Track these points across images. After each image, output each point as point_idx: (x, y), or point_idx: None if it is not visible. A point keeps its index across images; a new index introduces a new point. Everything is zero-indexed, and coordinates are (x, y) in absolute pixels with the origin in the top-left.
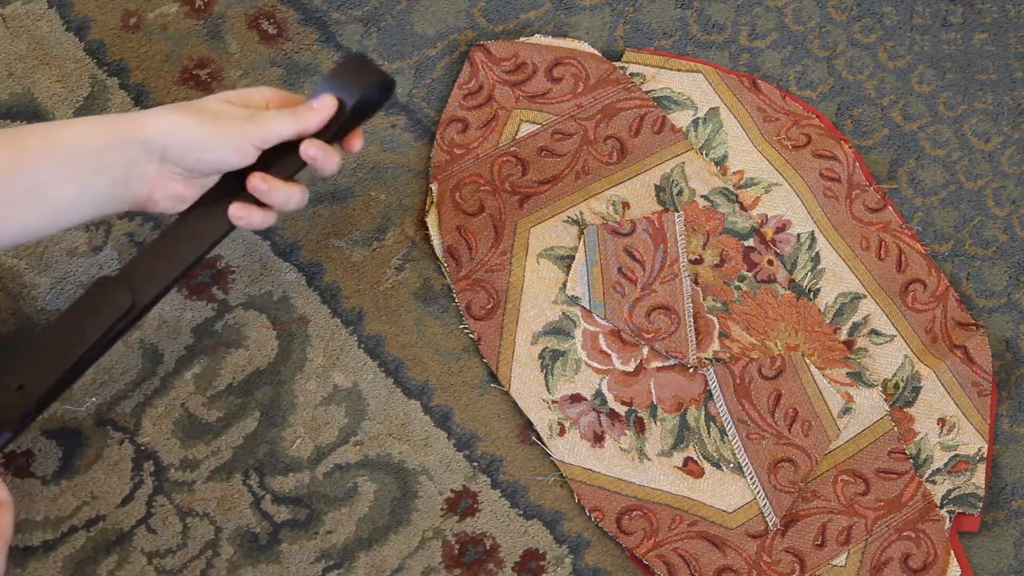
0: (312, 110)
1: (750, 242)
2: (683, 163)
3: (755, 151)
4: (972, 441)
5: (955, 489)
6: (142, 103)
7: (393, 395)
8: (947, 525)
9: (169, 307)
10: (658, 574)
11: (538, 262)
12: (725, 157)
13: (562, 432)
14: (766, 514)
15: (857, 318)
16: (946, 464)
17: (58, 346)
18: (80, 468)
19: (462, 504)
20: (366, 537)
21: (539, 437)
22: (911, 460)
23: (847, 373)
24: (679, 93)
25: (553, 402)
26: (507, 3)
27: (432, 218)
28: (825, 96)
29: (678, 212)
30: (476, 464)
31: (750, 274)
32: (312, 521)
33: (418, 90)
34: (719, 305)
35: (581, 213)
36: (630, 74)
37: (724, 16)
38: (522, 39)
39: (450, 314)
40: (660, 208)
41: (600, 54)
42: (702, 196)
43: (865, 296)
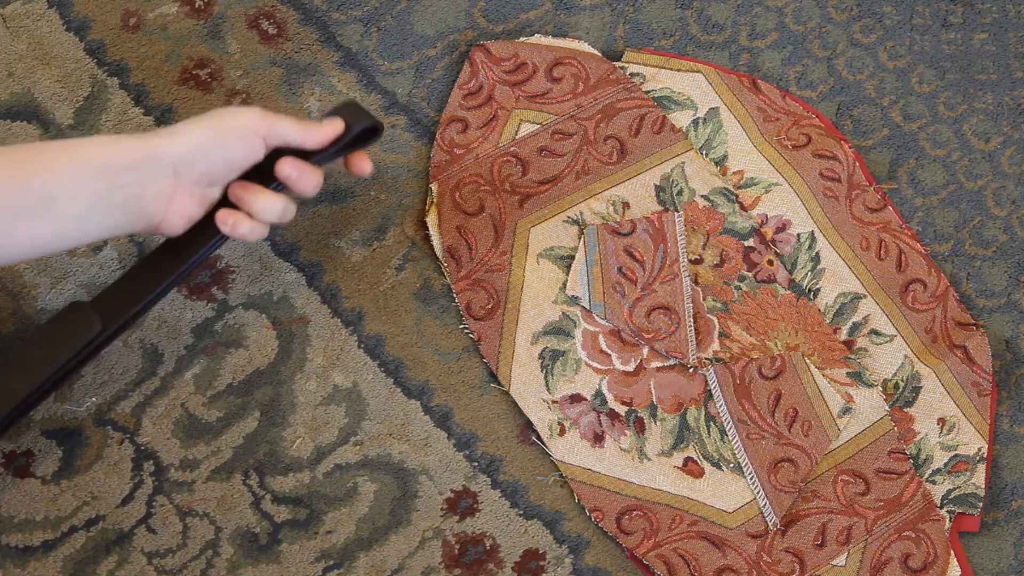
0: (319, 125)
1: (750, 242)
2: (683, 163)
3: (755, 151)
4: (972, 441)
5: (955, 489)
6: (142, 103)
7: (393, 395)
8: (947, 525)
9: (169, 307)
10: (658, 574)
11: (538, 262)
12: (725, 157)
13: (562, 432)
14: (766, 514)
15: (857, 318)
16: (946, 464)
17: (26, 367)
18: (80, 468)
19: (462, 504)
20: (366, 537)
21: (539, 437)
22: (911, 460)
23: (847, 373)
24: (679, 93)
25: (553, 402)
26: (507, 3)
27: (432, 218)
28: (825, 96)
29: (678, 212)
30: (476, 464)
31: (750, 274)
32: (312, 521)
33: (418, 90)
34: (719, 305)
35: (581, 213)
36: (630, 74)
37: (724, 16)
38: (522, 39)
39: (450, 314)
40: (660, 208)
41: (600, 54)
42: (702, 196)
43: (865, 296)
